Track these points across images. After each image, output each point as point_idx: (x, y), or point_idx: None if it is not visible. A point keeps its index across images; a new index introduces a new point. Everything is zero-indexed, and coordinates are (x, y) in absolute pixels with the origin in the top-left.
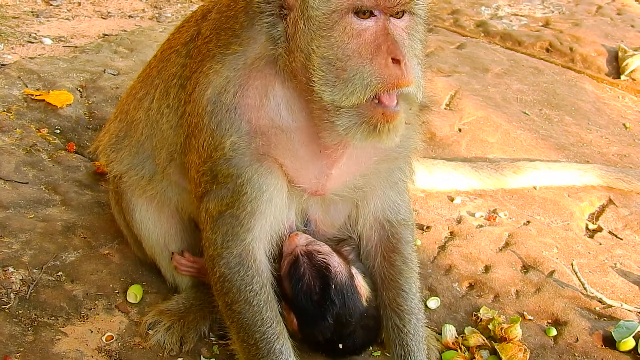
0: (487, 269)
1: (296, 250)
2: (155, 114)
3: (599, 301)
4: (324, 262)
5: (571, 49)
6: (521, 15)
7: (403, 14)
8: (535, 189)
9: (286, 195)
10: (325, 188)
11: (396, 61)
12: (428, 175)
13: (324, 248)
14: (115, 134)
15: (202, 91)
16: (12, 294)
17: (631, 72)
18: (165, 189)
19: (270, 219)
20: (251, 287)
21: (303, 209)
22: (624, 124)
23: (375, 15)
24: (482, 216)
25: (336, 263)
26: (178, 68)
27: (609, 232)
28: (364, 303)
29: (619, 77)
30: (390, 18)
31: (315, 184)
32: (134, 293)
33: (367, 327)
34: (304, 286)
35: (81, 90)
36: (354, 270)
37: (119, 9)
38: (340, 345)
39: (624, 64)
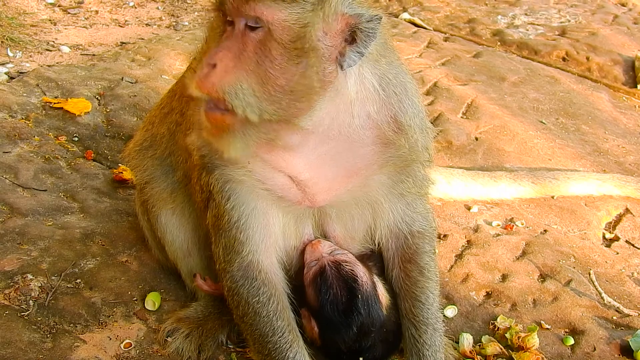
0: (504, 277)
1: (323, 260)
2: (175, 131)
3: (617, 310)
4: (352, 273)
5: (588, 58)
6: (537, 24)
7: (258, 30)
8: (553, 198)
9: (276, 209)
10: (316, 199)
11: (208, 65)
12: (446, 185)
13: (350, 257)
14: (141, 142)
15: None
16: (31, 301)
17: None
18: (186, 203)
19: (267, 232)
20: (258, 298)
21: (317, 223)
22: None
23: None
24: (499, 225)
25: (362, 273)
26: None
27: (626, 242)
28: (385, 312)
29: (636, 87)
30: (247, 29)
31: (296, 194)
32: (152, 300)
33: (387, 339)
34: (330, 296)
35: (99, 98)
36: (376, 279)
37: (137, 17)
38: (361, 359)
39: None
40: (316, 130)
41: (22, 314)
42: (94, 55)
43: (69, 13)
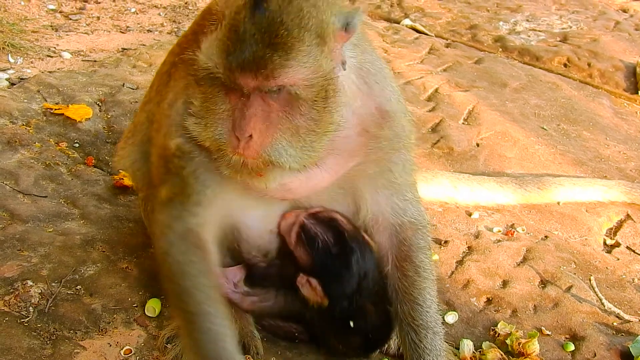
0: (505, 283)
1: (299, 219)
2: (152, 120)
3: (617, 316)
4: (330, 216)
5: (589, 64)
6: (539, 31)
7: (279, 92)
8: (559, 204)
9: (244, 195)
10: (292, 193)
11: (244, 138)
12: (453, 189)
13: (322, 207)
14: (126, 134)
15: (165, 99)
16: (31, 308)
17: None
18: None
19: (224, 212)
20: (190, 258)
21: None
22: None
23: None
24: (499, 231)
25: (339, 215)
26: (164, 78)
27: (627, 248)
28: (375, 254)
29: (637, 93)
30: (268, 94)
31: (276, 192)
32: (153, 307)
33: (379, 308)
34: (320, 244)
35: (100, 104)
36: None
37: (138, 24)
38: (352, 323)
39: None
40: None
41: (22, 320)
42: (95, 61)
43: (70, 19)
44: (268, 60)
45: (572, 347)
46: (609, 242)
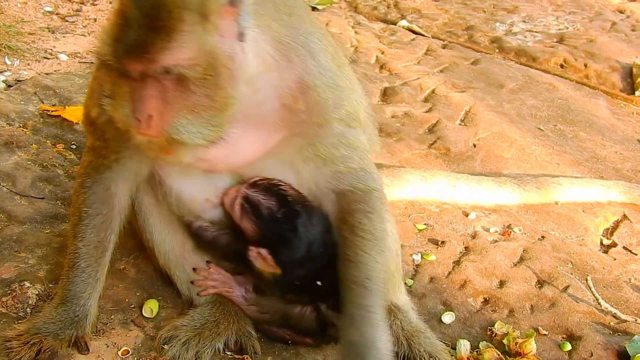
0: (501, 284)
1: (240, 192)
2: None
3: (614, 316)
4: (269, 182)
5: (586, 65)
6: (536, 32)
7: (168, 73)
8: (557, 204)
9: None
10: (215, 166)
11: (144, 118)
12: (452, 189)
13: (262, 176)
14: None
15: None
16: (28, 309)
17: None
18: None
19: (134, 171)
20: (89, 209)
21: (237, 179)
22: (638, 140)
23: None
24: (496, 231)
25: (279, 181)
26: None
27: (624, 248)
28: (322, 217)
29: (634, 93)
30: (159, 75)
31: (204, 165)
32: (150, 308)
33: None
34: (265, 212)
35: None
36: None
37: None
38: (319, 283)
39: (639, 80)
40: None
41: (20, 321)
42: (91, 63)
43: (67, 21)
44: (150, 44)
45: (569, 346)
46: (606, 242)
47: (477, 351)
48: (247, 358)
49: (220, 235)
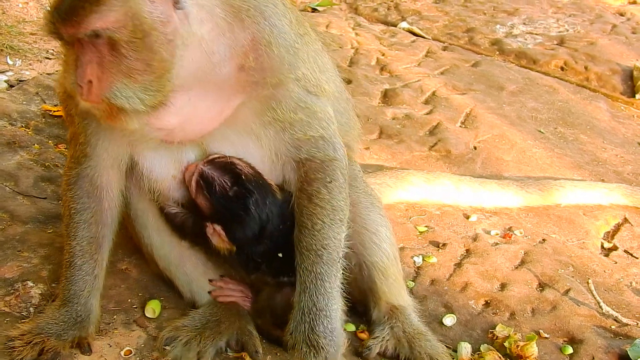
0: (503, 286)
1: (198, 168)
2: None
3: (615, 320)
4: (225, 161)
5: (586, 68)
6: (536, 34)
7: (99, 37)
8: (560, 206)
9: (136, 139)
10: (173, 135)
11: (84, 84)
12: (455, 191)
13: (221, 153)
14: None
15: None
16: (31, 308)
17: None
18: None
19: (112, 154)
20: (76, 205)
21: (200, 152)
22: (639, 143)
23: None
24: (497, 234)
25: (237, 160)
26: None
27: (625, 251)
28: (279, 197)
29: (634, 96)
30: (92, 40)
31: (162, 135)
32: (152, 308)
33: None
34: (217, 189)
35: None
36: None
37: None
38: (280, 255)
39: (639, 83)
40: (183, 84)
41: (23, 321)
42: None
43: None
44: (79, 8)
45: (570, 350)
46: (607, 245)
47: (478, 354)
48: (245, 355)
49: (187, 218)
